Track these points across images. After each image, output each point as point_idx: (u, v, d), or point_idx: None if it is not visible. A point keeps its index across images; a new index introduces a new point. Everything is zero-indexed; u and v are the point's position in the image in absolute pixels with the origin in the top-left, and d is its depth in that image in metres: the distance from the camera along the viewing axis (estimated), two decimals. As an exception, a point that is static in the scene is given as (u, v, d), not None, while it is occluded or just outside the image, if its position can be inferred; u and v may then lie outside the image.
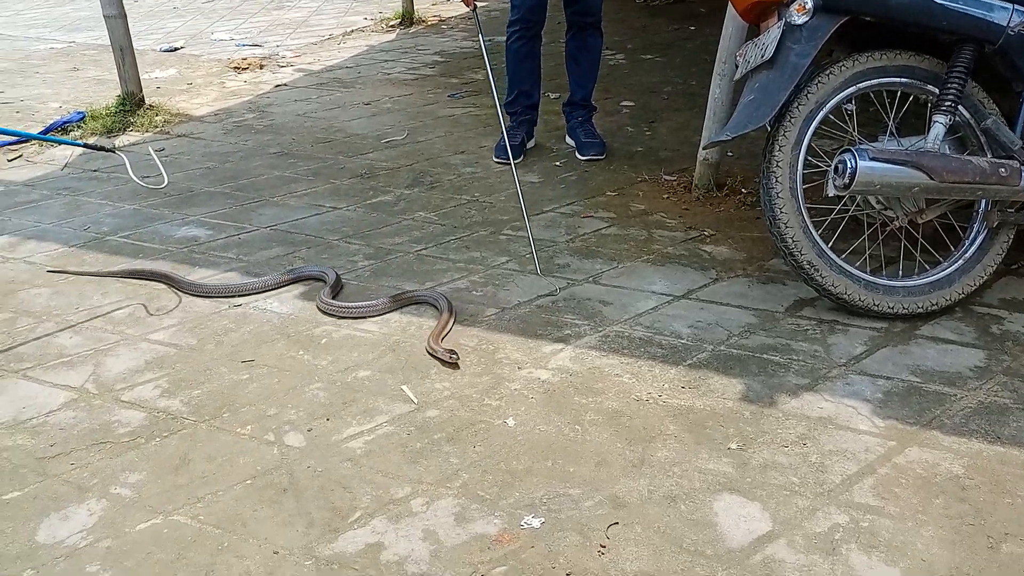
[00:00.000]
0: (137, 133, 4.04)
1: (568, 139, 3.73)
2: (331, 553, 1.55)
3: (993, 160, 2.11)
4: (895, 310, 2.23)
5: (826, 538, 1.56)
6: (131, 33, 4.08)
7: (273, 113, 4.34)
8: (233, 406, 1.98)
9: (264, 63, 5.33)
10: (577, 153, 3.60)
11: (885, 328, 2.24)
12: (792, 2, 2.06)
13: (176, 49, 5.77)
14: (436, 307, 2.37)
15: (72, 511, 1.67)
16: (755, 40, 2.24)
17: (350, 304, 2.37)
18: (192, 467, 1.78)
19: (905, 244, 2.37)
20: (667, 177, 3.29)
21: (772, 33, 2.12)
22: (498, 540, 1.57)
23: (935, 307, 2.25)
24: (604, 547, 1.55)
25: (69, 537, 1.60)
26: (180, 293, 2.51)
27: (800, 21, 2.07)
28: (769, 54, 2.11)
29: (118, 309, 2.43)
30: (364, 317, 2.34)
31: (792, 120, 2.18)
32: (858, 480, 1.70)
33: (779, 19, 2.14)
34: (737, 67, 2.33)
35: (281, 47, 5.83)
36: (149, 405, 1.99)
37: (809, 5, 2.04)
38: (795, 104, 2.17)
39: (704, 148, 2.98)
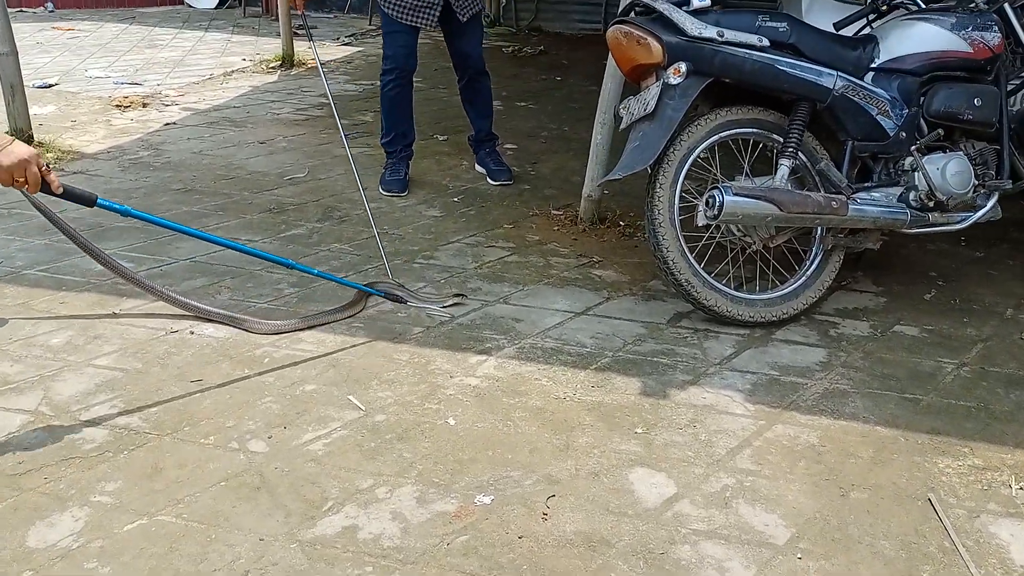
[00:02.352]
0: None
1: (478, 167, 4.20)
2: (312, 536, 1.78)
3: (826, 195, 2.63)
4: (755, 319, 2.70)
5: (719, 496, 1.95)
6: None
7: (168, 151, 4.42)
8: (192, 420, 2.15)
9: (147, 101, 5.36)
10: (489, 179, 4.08)
11: (748, 334, 2.70)
12: (669, 67, 2.51)
13: (51, 85, 5.67)
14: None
15: (57, 518, 1.80)
16: (637, 96, 2.67)
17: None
18: (165, 474, 1.95)
19: (760, 265, 2.86)
20: (555, 212, 3.69)
21: (652, 91, 2.56)
22: (457, 515, 1.85)
23: (785, 316, 2.73)
24: (546, 515, 1.86)
25: (61, 540, 1.74)
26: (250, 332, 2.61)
27: (675, 82, 2.52)
28: (650, 108, 2.54)
29: (53, 338, 2.52)
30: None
31: (669, 163, 2.62)
32: (739, 451, 2.11)
33: (657, 79, 2.58)
34: (621, 118, 2.75)
35: (162, 85, 5.85)
36: (109, 423, 2.13)
37: (683, 69, 2.49)
38: (671, 150, 2.61)
39: (598, 185, 3.40)
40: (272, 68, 6.44)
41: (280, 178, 4.06)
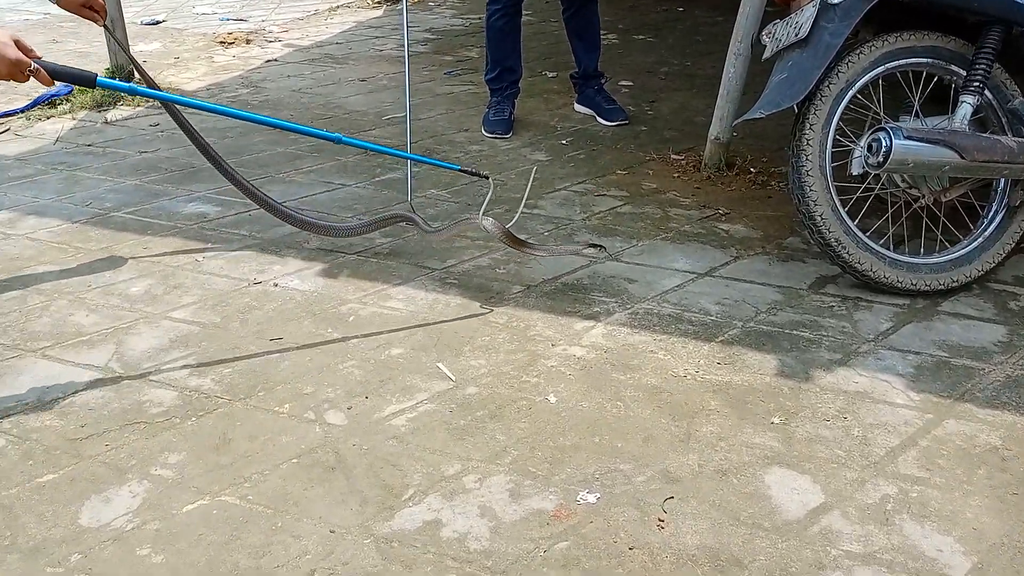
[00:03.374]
0: (128, 108, 3.93)
1: (581, 108, 3.82)
2: (389, 531, 1.54)
3: (1021, 140, 2.15)
4: (918, 287, 2.26)
5: (878, 508, 1.59)
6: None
7: (267, 88, 4.25)
8: (267, 384, 1.95)
9: (251, 38, 5.21)
10: (601, 119, 3.70)
11: (908, 304, 2.27)
12: (828, -20, 2.07)
13: (158, 22, 5.62)
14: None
15: (113, 493, 1.63)
16: (786, 19, 2.24)
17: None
18: (233, 446, 1.75)
19: (927, 222, 2.40)
20: (675, 156, 3.30)
21: (807, 12, 2.13)
22: (556, 516, 1.57)
23: (955, 284, 2.29)
24: (663, 521, 1.55)
25: (115, 520, 1.56)
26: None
27: (836, 0, 2.07)
28: (804, 33, 2.12)
29: (132, 287, 2.37)
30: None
31: (823, 99, 2.19)
32: (901, 452, 1.73)
33: (812, -3, 2.14)
34: (765, 46, 2.33)
35: (267, 22, 5.70)
36: (180, 384, 1.95)
37: (846, -18, 2.05)
38: (827, 83, 2.18)
39: (733, 125, 2.98)
40: (377, 3, 6.19)
41: (378, 118, 3.81)
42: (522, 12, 3.57)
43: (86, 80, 2.03)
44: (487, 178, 2.50)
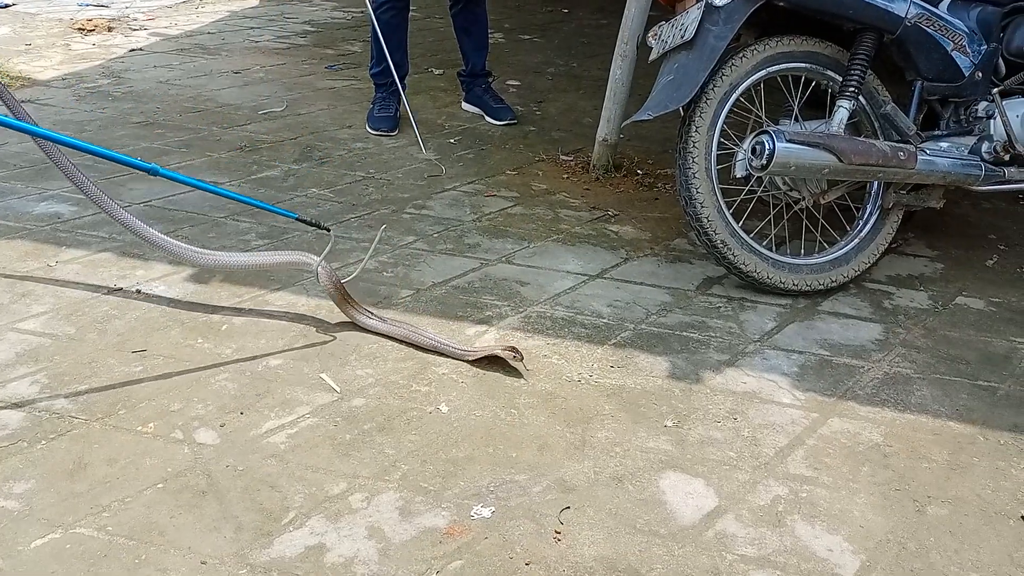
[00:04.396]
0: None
1: (469, 107, 3.75)
2: (267, 559, 1.41)
3: (893, 144, 2.23)
4: (799, 287, 2.32)
5: (770, 510, 1.59)
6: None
7: (131, 79, 3.96)
8: (129, 402, 1.78)
9: (113, 25, 4.86)
10: (489, 118, 3.65)
11: (790, 304, 2.32)
12: (714, -17, 2.07)
13: (7, 6, 5.15)
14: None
15: (-53, 530, 1.43)
16: (672, 21, 2.24)
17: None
18: (90, 472, 1.58)
19: (806, 224, 2.47)
20: (564, 157, 3.27)
21: (692, 14, 2.13)
22: (449, 533, 1.49)
23: (834, 284, 2.35)
24: (559, 533, 1.50)
25: (-53, 561, 1.37)
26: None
27: (720, 3, 2.09)
28: (689, 35, 2.12)
29: (-27, 295, 2.13)
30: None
31: (708, 102, 2.20)
32: (790, 452, 1.75)
33: (698, 1, 2.15)
34: (651, 47, 2.32)
35: (131, 8, 5.34)
36: (28, 403, 1.75)
37: (731, -14, 2.07)
38: (711, 86, 2.19)
39: (620, 127, 2.98)
40: (253, -8, 5.91)
41: (254, 112, 3.61)
42: (409, 6, 3.47)
43: None
44: (328, 231, 2.17)
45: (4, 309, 2.08)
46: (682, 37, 2.15)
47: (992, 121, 2.34)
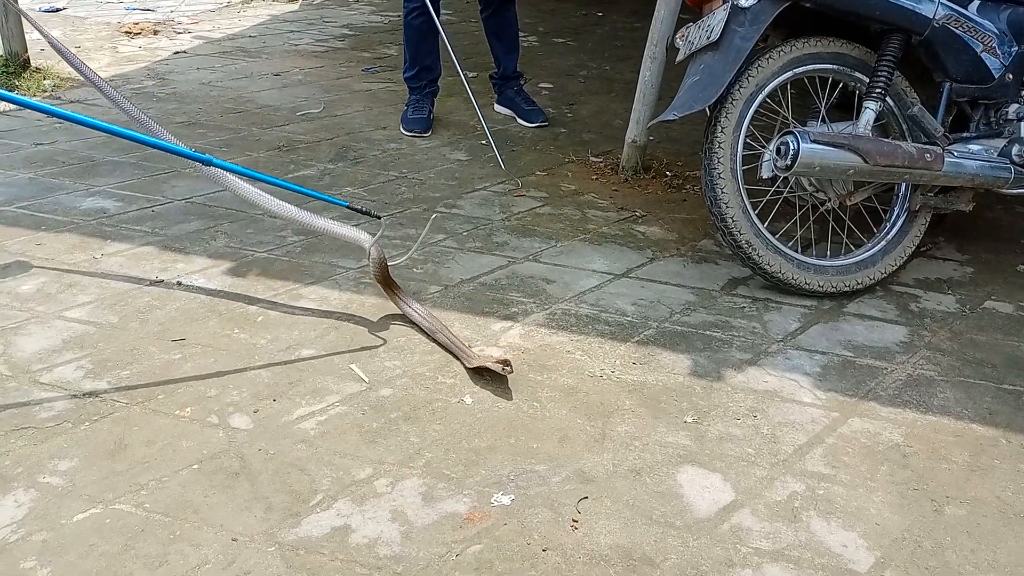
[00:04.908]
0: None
1: (501, 109, 3.81)
2: (295, 538, 1.48)
3: (919, 145, 2.23)
4: (824, 288, 2.33)
5: (786, 506, 1.61)
6: (10, -12, 3.73)
7: (175, 81, 4.08)
8: (168, 387, 1.85)
9: (158, 28, 5.01)
10: (521, 120, 3.70)
11: (815, 305, 2.33)
12: (740, -15, 2.10)
13: (58, 10, 5.34)
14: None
15: (-4, 503, 1.52)
16: (699, 22, 2.27)
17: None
18: (130, 452, 1.66)
19: (832, 226, 2.47)
20: (594, 159, 3.31)
21: (718, 15, 2.16)
22: (469, 519, 1.54)
23: (860, 286, 2.36)
24: (576, 522, 1.54)
25: (-4, 531, 1.46)
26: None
27: (746, 4, 2.11)
28: (715, 36, 2.15)
29: (23, 285, 2.23)
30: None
31: (734, 102, 2.22)
32: (809, 450, 1.77)
33: (724, 2, 2.18)
34: (678, 49, 2.35)
35: (175, 12, 5.49)
36: (73, 387, 1.84)
37: (756, -11, 2.09)
38: (737, 87, 2.21)
39: (647, 128, 3.01)
40: (294, -3, 6.04)
41: (292, 113, 3.71)
42: (441, 11, 3.53)
43: None
44: (379, 219, 2.27)
45: (52, 298, 2.17)
46: (708, 38, 2.18)
47: (1023, 124, 2.33)
